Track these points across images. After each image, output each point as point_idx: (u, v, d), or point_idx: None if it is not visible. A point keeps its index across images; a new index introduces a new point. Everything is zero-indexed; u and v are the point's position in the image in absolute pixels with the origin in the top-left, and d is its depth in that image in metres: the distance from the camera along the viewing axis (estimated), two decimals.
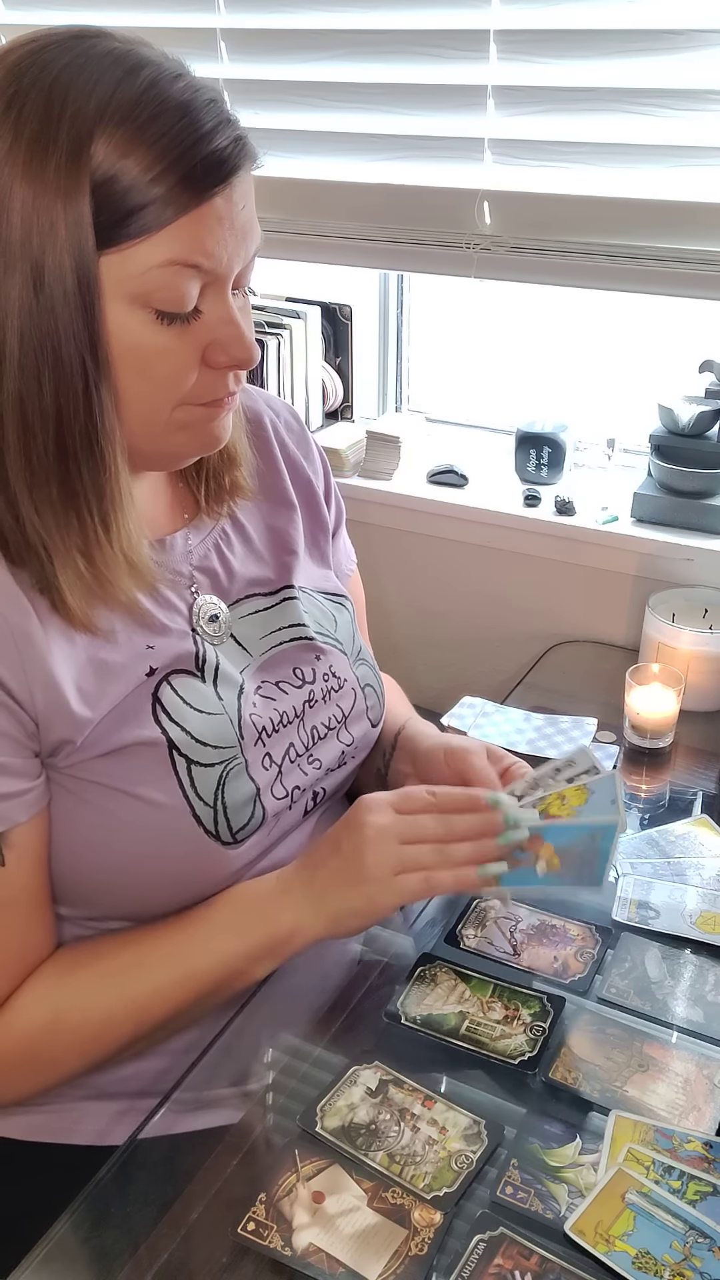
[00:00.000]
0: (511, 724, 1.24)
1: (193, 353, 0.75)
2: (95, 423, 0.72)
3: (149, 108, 0.68)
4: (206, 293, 0.73)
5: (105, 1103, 0.88)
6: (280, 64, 1.52)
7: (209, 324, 0.74)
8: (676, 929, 0.98)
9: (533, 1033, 0.86)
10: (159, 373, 0.74)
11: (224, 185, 0.70)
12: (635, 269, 1.39)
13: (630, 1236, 0.70)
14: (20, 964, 0.81)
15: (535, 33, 1.34)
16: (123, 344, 0.72)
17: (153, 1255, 0.71)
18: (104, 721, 0.79)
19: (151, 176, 0.67)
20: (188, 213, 0.69)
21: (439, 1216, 0.72)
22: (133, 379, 0.73)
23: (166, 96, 0.68)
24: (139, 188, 0.67)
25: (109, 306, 0.70)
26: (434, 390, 1.88)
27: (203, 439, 0.81)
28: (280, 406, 1.05)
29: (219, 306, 0.74)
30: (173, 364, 0.74)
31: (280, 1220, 0.71)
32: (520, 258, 1.46)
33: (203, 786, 0.83)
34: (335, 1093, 0.80)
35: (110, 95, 0.67)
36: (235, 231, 0.72)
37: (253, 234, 0.75)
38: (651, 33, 1.28)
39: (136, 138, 0.67)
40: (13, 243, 0.67)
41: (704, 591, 1.45)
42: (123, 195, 0.67)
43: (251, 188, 0.74)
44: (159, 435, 0.78)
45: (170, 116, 0.68)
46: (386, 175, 1.51)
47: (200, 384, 0.76)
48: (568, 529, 1.55)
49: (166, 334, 0.72)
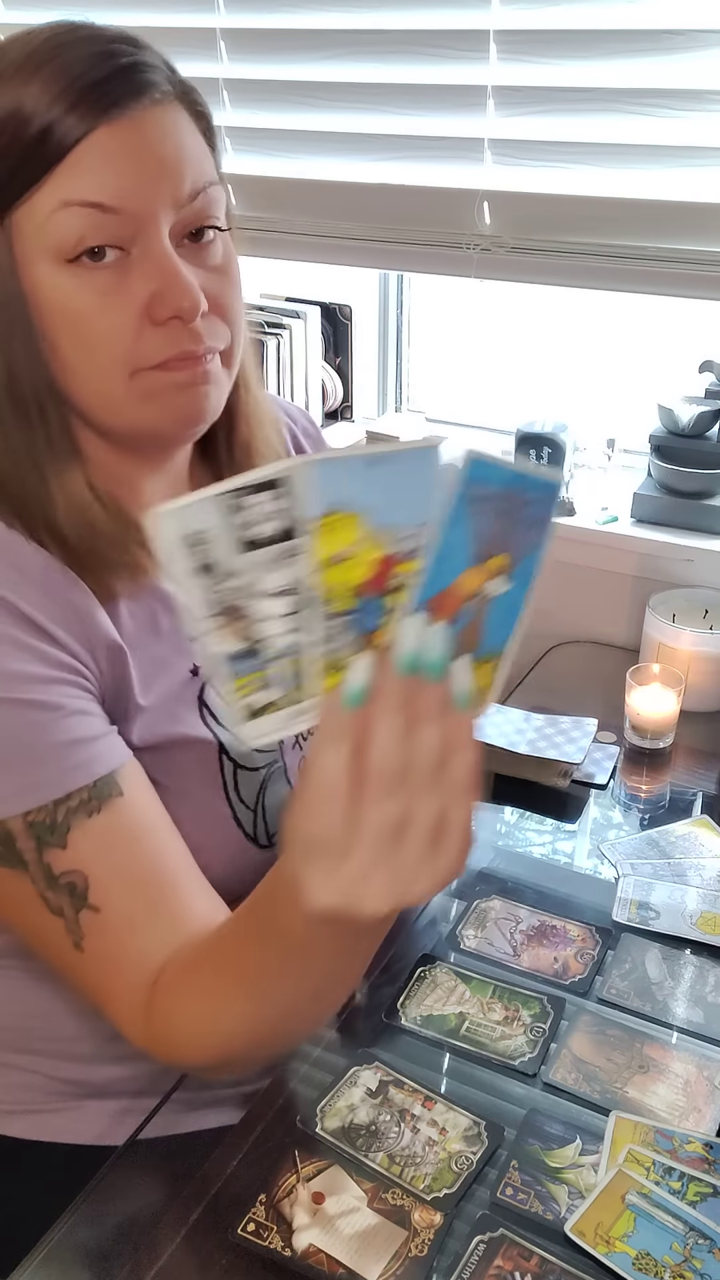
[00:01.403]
0: (511, 724, 1.24)
1: (128, 309, 0.69)
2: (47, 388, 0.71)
3: (40, 55, 0.67)
4: (136, 240, 0.68)
5: (105, 1102, 0.88)
6: (280, 64, 1.51)
7: (145, 274, 0.69)
8: (677, 930, 0.98)
9: (533, 1034, 0.86)
10: (94, 333, 0.69)
11: (106, 115, 0.66)
12: (635, 269, 1.39)
13: (630, 1238, 0.70)
14: (194, 876, 0.73)
15: (535, 33, 1.34)
16: (52, 306, 0.69)
17: (153, 1255, 0.71)
18: (153, 711, 0.78)
19: (36, 117, 0.65)
20: (72, 148, 0.66)
21: (439, 1217, 0.72)
22: (73, 345, 0.70)
23: (62, 42, 0.68)
24: (26, 133, 0.66)
25: (33, 268, 0.68)
26: (434, 390, 1.88)
27: (175, 412, 0.73)
28: (297, 413, 1.03)
29: (149, 252, 0.69)
30: (106, 322, 0.69)
31: (280, 1221, 0.71)
32: (520, 258, 1.46)
33: (246, 790, 0.82)
34: (335, 1093, 0.80)
35: (10, 57, 0.68)
36: (145, 167, 0.67)
37: (181, 172, 0.69)
38: (651, 33, 1.28)
39: (24, 84, 0.66)
40: None
41: (704, 592, 1.45)
42: (10, 143, 0.66)
43: (174, 123, 0.69)
44: (124, 409, 0.72)
45: (55, 58, 0.67)
46: (386, 175, 1.51)
47: (148, 343, 0.70)
48: (568, 529, 1.55)
49: (92, 289, 0.68)
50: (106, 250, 0.68)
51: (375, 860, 0.48)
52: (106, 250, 0.68)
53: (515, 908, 1.00)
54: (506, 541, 0.48)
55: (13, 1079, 0.88)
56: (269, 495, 0.44)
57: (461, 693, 0.48)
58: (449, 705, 0.48)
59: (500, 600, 0.49)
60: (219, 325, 0.73)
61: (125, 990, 0.67)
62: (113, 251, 0.68)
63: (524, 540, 0.48)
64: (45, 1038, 0.86)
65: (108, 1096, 0.88)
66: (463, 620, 0.49)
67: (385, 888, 0.48)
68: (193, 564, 0.44)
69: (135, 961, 0.68)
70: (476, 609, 0.49)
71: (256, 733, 0.48)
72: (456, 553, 0.47)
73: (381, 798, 0.47)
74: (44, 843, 0.68)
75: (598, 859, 1.10)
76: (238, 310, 0.75)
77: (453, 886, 1.04)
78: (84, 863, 0.68)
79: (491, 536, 0.47)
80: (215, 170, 0.74)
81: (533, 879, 1.06)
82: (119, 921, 0.68)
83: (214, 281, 0.72)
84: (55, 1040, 0.86)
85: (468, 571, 0.48)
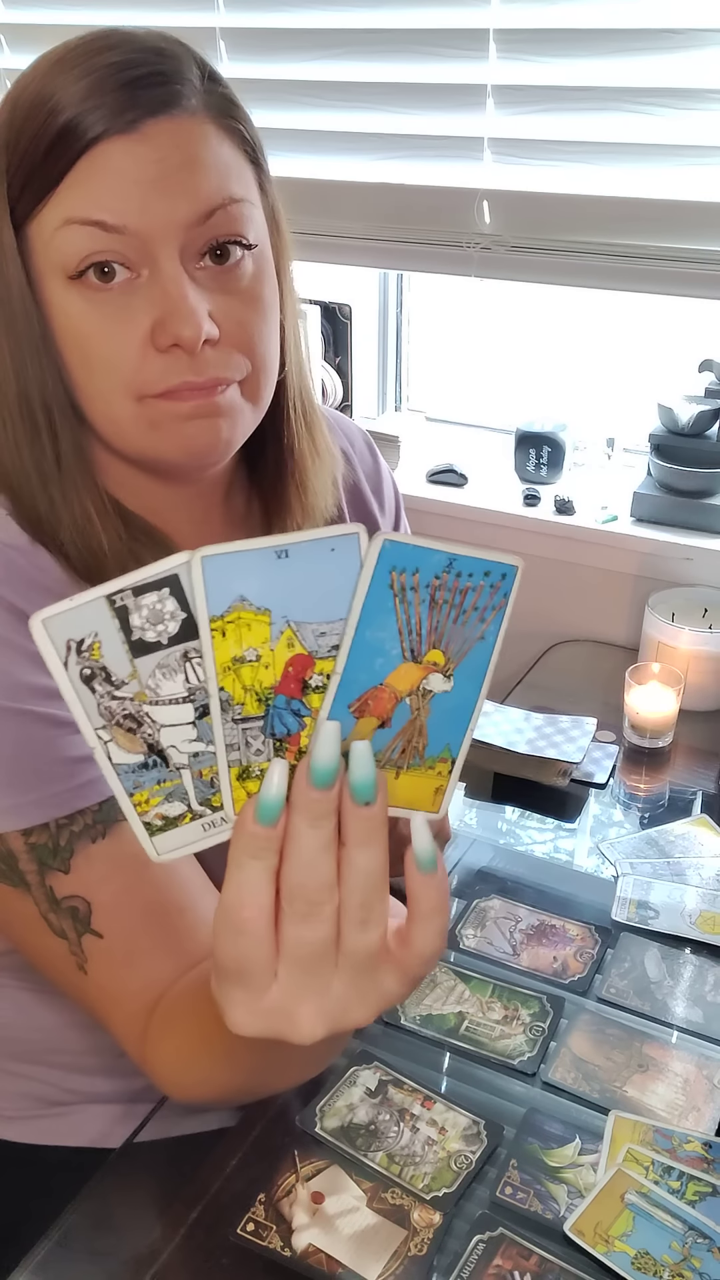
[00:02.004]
0: (511, 724, 1.24)
1: (132, 333, 0.66)
2: (61, 407, 0.69)
3: (67, 62, 0.65)
4: (146, 261, 0.65)
5: (105, 1105, 0.88)
6: (280, 63, 1.51)
7: (150, 298, 0.66)
8: (676, 929, 0.98)
9: (532, 1033, 0.86)
10: (98, 357, 0.67)
11: (115, 128, 0.63)
12: (635, 268, 1.39)
13: (629, 1237, 0.70)
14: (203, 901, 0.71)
15: (535, 32, 1.34)
16: (62, 325, 0.67)
17: (152, 1256, 0.71)
18: None
19: (47, 124, 0.64)
20: (77, 160, 0.63)
21: (438, 1217, 0.72)
22: (80, 366, 0.68)
23: (90, 49, 0.66)
24: (33, 148, 0.64)
25: (45, 285, 0.66)
26: (433, 389, 1.88)
27: (183, 442, 0.69)
28: (355, 433, 0.98)
29: (157, 273, 0.65)
30: (110, 346, 0.66)
31: (280, 1221, 0.71)
32: (520, 257, 1.46)
33: None
34: (335, 1093, 0.80)
35: (44, 61, 0.66)
36: (152, 184, 0.64)
37: (194, 189, 0.65)
38: (651, 32, 1.28)
39: (44, 88, 0.65)
40: None
41: (704, 591, 1.45)
42: (23, 155, 0.65)
43: (192, 137, 0.66)
44: (131, 435, 0.70)
45: (79, 64, 0.64)
46: (386, 174, 1.51)
47: (151, 370, 0.67)
48: (567, 528, 1.55)
49: (98, 311, 0.66)
50: (115, 270, 0.65)
51: (301, 990, 0.43)
52: (115, 270, 0.65)
53: (514, 907, 1.00)
54: (444, 634, 0.43)
55: (15, 1087, 0.88)
56: (164, 593, 0.39)
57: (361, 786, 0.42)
58: (376, 822, 0.42)
59: (446, 698, 0.44)
60: (233, 355, 0.69)
61: (124, 1018, 0.66)
62: (122, 272, 0.65)
63: (468, 632, 0.43)
64: (48, 1050, 0.86)
65: (107, 1099, 0.88)
66: (400, 721, 0.44)
67: (315, 1018, 0.43)
68: (80, 672, 0.40)
69: (134, 992, 0.66)
70: (416, 708, 0.44)
71: (167, 847, 0.44)
72: (382, 649, 0.42)
73: (302, 921, 0.42)
74: (46, 866, 0.67)
75: (597, 858, 1.10)
76: (262, 338, 0.70)
77: (452, 885, 1.04)
78: (87, 888, 0.67)
79: (425, 628, 0.43)
80: (251, 186, 0.70)
81: (532, 878, 1.06)
82: (120, 950, 0.67)
83: (235, 307, 0.68)
84: (58, 1053, 0.86)
85: (401, 668, 0.43)
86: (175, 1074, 0.64)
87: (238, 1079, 0.62)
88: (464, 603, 0.42)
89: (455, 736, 0.46)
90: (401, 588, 0.41)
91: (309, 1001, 0.43)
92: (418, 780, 0.46)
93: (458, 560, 0.41)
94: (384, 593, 0.41)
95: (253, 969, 0.42)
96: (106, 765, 0.41)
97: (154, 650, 0.40)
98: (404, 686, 0.44)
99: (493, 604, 0.43)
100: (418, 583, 0.41)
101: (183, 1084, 0.65)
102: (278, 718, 0.43)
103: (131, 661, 0.40)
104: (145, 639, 0.40)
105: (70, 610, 0.38)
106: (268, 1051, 0.57)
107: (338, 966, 0.43)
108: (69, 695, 0.40)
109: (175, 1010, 0.64)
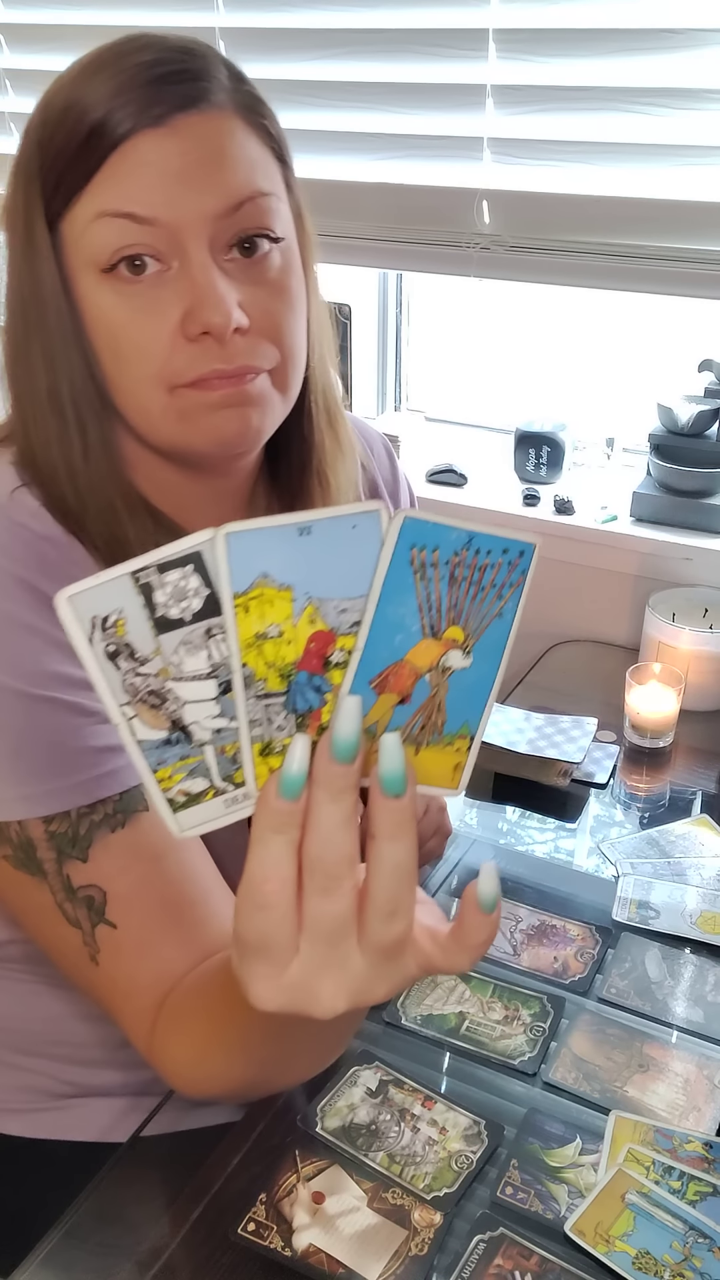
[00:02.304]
0: (511, 724, 1.24)
1: (163, 324, 0.68)
2: (90, 400, 0.71)
3: (98, 63, 0.67)
4: (176, 254, 0.67)
5: (108, 1099, 0.88)
6: (279, 63, 1.51)
7: (180, 289, 0.67)
8: (677, 929, 0.98)
9: (533, 1033, 0.86)
10: (129, 347, 0.68)
11: (146, 123, 0.65)
12: (635, 268, 1.39)
13: (630, 1237, 0.70)
14: (217, 895, 0.71)
15: (534, 31, 1.34)
16: (94, 318, 0.69)
17: (153, 1255, 0.71)
18: None
19: (79, 123, 0.66)
20: (109, 154, 0.65)
21: (439, 1217, 0.72)
22: (111, 358, 0.69)
23: (121, 50, 0.68)
24: (65, 146, 0.66)
25: (79, 279, 0.68)
26: (433, 389, 1.88)
27: (213, 432, 0.71)
28: (373, 436, 1.00)
29: (186, 264, 0.67)
30: (141, 337, 0.68)
31: (280, 1221, 0.71)
32: (520, 257, 1.46)
33: None
34: (335, 1093, 0.80)
35: (78, 62, 0.68)
36: (182, 177, 0.66)
37: (223, 182, 0.67)
38: (651, 32, 1.28)
39: (79, 87, 0.67)
40: (16, 232, 0.69)
41: (704, 591, 1.45)
42: (56, 154, 0.67)
43: (221, 132, 0.68)
44: (161, 426, 0.71)
45: (110, 64, 0.67)
46: (385, 174, 1.51)
47: (181, 359, 0.68)
48: (567, 528, 1.55)
49: (129, 303, 0.67)
50: (146, 263, 0.67)
51: (322, 965, 0.43)
52: (146, 263, 0.67)
53: (515, 907, 1.00)
54: (463, 610, 0.43)
55: (16, 1079, 0.88)
56: (188, 570, 0.40)
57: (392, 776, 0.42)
58: (405, 814, 0.42)
59: (464, 675, 0.45)
60: (263, 345, 0.70)
61: (134, 1011, 0.67)
62: (153, 264, 0.67)
63: (486, 609, 0.44)
64: (51, 1042, 0.86)
65: (110, 1095, 0.88)
66: (419, 697, 0.44)
67: (336, 992, 0.44)
68: (105, 649, 0.40)
69: (145, 985, 0.67)
70: (435, 684, 0.44)
71: (190, 823, 0.44)
72: (402, 625, 0.43)
73: (323, 895, 0.42)
74: (65, 854, 0.67)
75: (598, 858, 1.10)
76: (290, 328, 0.72)
77: (453, 885, 1.04)
78: (104, 878, 0.67)
79: (445, 605, 0.43)
80: (278, 182, 0.72)
81: (533, 878, 1.06)
82: (134, 942, 0.67)
83: (263, 298, 0.69)
84: (61, 1044, 0.86)
85: (420, 644, 0.43)
86: (184, 1068, 0.65)
87: (249, 1072, 0.62)
88: (482, 580, 0.43)
89: (474, 713, 0.46)
90: (422, 565, 0.42)
91: (330, 975, 0.44)
92: (437, 757, 0.46)
93: (477, 538, 0.42)
94: (404, 570, 0.42)
95: (275, 943, 0.43)
96: (131, 742, 0.41)
97: (177, 627, 0.40)
98: (424, 663, 0.44)
99: (510, 581, 0.43)
100: (437, 559, 0.42)
101: (191, 1078, 0.65)
102: (299, 694, 0.43)
103: (155, 638, 0.40)
104: (169, 616, 0.40)
105: (95, 587, 0.39)
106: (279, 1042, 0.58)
107: (361, 949, 0.43)
108: (94, 672, 0.40)
109: (185, 1003, 0.65)
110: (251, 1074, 0.63)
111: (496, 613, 0.44)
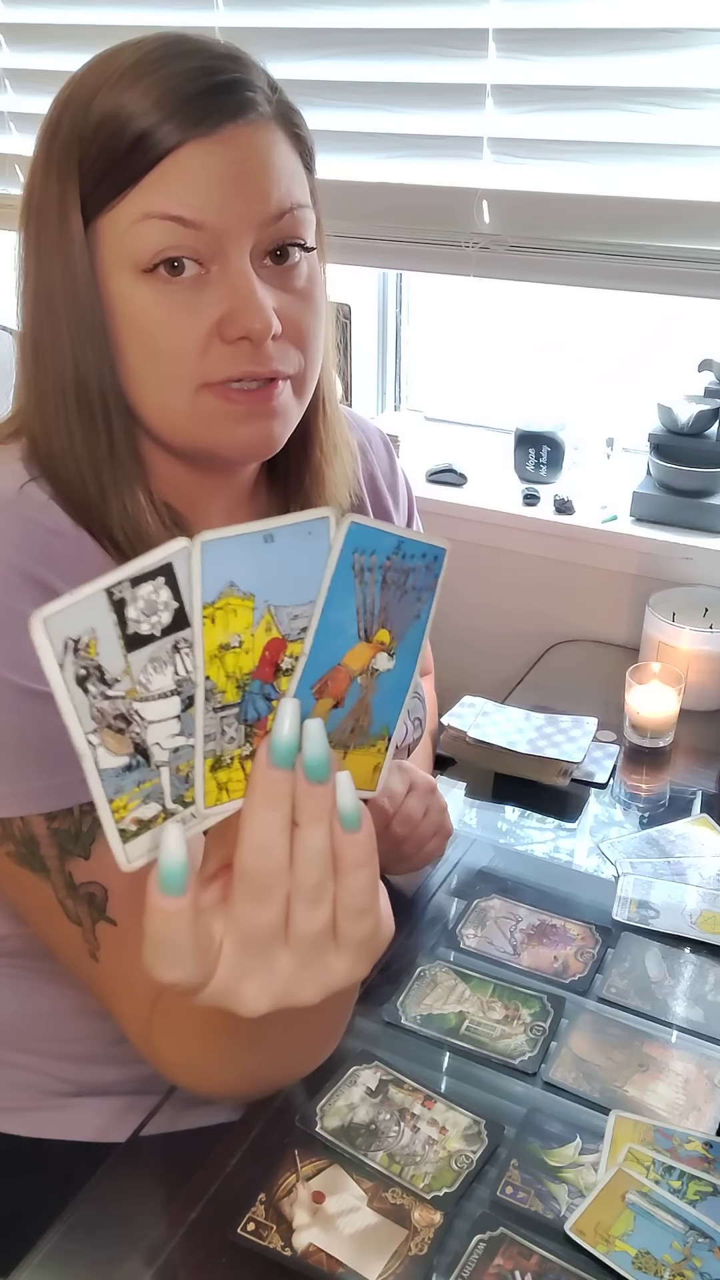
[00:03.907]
0: (511, 723, 1.24)
1: (199, 325, 0.69)
2: (114, 398, 0.71)
3: (146, 64, 0.68)
4: (216, 258, 0.68)
5: (106, 1099, 0.88)
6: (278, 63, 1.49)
7: (219, 293, 0.69)
8: (677, 928, 0.98)
9: (533, 1032, 0.86)
10: (162, 346, 0.69)
11: (198, 130, 0.66)
12: (635, 268, 1.39)
13: (630, 1236, 0.70)
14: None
15: (534, 31, 1.34)
16: (127, 316, 0.69)
17: (153, 1255, 0.70)
18: None
19: (132, 123, 0.66)
20: (160, 160, 0.66)
21: (439, 1216, 0.72)
22: (142, 356, 0.70)
23: (168, 53, 0.68)
24: (120, 139, 0.67)
25: (113, 277, 0.69)
26: (432, 389, 1.88)
27: (237, 439, 0.72)
28: (372, 431, 1.02)
29: (226, 270, 0.69)
30: (177, 336, 0.69)
31: (280, 1220, 0.71)
32: (519, 256, 1.46)
33: None
34: (335, 1092, 0.80)
35: (120, 60, 0.68)
36: (231, 185, 0.67)
37: (268, 192, 0.69)
38: (651, 31, 1.28)
39: (127, 89, 0.67)
40: (47, 226, 0.69)
41: (704, 590, 1.45)
42: (104, 148, 0.67)
43: (267, 143, 0.70)
44: (185, 426, 0.72)
45: (160, 68, 0.67)
46: (385, 174, 1.51)
47: (214, 359, 0.70)
48: (567, 528, 1.55)
49: (166, 303, 0.68)
50: (186, 265, 0.68)
51: (245, 969, 0.43)
52: (186, 265, 0.68)
53: (515, 906, 1.00)
54: (390, 614, 0.44)
55: (13, 1078, 0.88)
56: (159, 583, 0.39)
57: (347, 811, 0.42)
58: (328, 800, 0.41)
59: (387, 677, 0.45)
60: (290, 350, 0.72)
61: (132, 1007, 0.67)
62: (192, 266, 0.68)
63: (406, 612, 0.45)
64: (48, 1038, 0.86)
65: (108, 1094, 0.88)
66: (351, 700, 0.45)
67: (258, 995, 0.43)
68: (76, 673, 0.38)
69: (144, 981, 0.65)
70: (365, 687, 0.45)
71: (139, 851, 0.42)
72: (343, 630, 0.43)
73: (253, 903, 0.42)
74: (67, 851, 0.67)
75: (598, 858, 1.10)
76: (314, 335, 0.74)
77: (453, 885, 1.04)
78: (105, 875, 0.67)
79: (378, 608, 0.43)
80: (308, 193, 0.74)
81: (533, 878, 1.06)
82: (133, 938, 0.66)
83: (292, 305, 0.71)
84: (58, 1041, 0.86)
85: (356, 647, 0.44)
86: (180, 1066, 0.65)
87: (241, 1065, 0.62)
88: (405, 582, 0.44)
89: (391, 715, 0.46)
90: (361, 569, 0.42)
91: (251, 980, 0.43)
92: (360, 759, 0.47)
93: (404, 543, 0.43)
94: (347, 574, 0.42)
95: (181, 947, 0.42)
96: (93, 771, 0.40)
97: (148, 643, 0.39)
98: (357, 666, 0.44)
99: (427, 584, 0.44)
100: (374, 564, 0.42)
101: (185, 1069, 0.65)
102: (251, 703, 0.43)
103: (125, 657, 0.39)
104: (140, 631, 0.39)
105: (70, 606, 0.38)
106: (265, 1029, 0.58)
107: (287, 945, 0.43)
108: (62, 699, 0.38)
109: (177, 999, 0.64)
110: (245, 1067, 0.63)
111: (415, 614, 0.45)
